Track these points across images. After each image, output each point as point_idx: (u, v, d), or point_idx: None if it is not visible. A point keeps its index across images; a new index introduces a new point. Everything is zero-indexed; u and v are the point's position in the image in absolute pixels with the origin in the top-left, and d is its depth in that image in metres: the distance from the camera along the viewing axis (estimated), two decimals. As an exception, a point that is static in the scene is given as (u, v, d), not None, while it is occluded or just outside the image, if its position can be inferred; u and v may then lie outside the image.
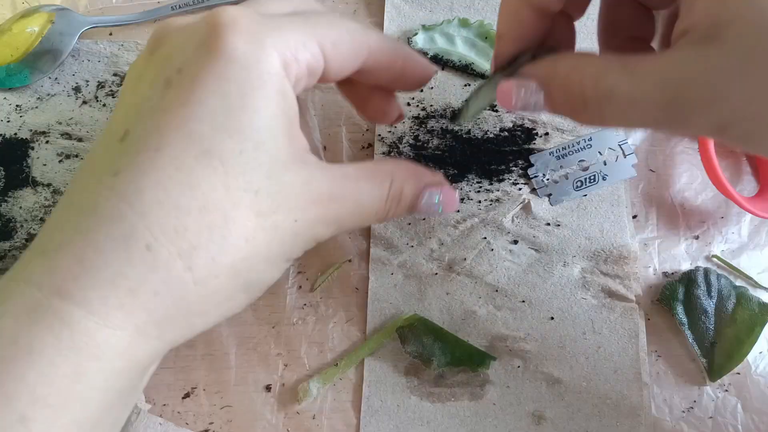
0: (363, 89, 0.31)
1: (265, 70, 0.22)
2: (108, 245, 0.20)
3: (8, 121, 0.39)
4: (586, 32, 0.36)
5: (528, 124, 0.38)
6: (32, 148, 0.38)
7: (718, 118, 0.19)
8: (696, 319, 0.34)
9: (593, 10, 0.28)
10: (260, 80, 0.22)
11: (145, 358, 0.22)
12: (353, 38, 0.25)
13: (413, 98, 0.39)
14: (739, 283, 0.35)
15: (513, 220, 0.36)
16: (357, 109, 0.32)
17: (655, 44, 0.27)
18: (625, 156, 0.37)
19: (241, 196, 0.22)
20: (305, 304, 0.35)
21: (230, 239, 0.22)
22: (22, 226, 0.36)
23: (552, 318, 0.34)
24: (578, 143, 0.37)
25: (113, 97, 0.39)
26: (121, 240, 0.20)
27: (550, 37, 0.26)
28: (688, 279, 0.35)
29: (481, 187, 0.37)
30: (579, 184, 0.36)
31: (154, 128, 0.21)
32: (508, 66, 0.25)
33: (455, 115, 0.34)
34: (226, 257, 0.22)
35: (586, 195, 0.36)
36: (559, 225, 0.36)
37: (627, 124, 0.23)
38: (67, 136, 0.38)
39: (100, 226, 0.21)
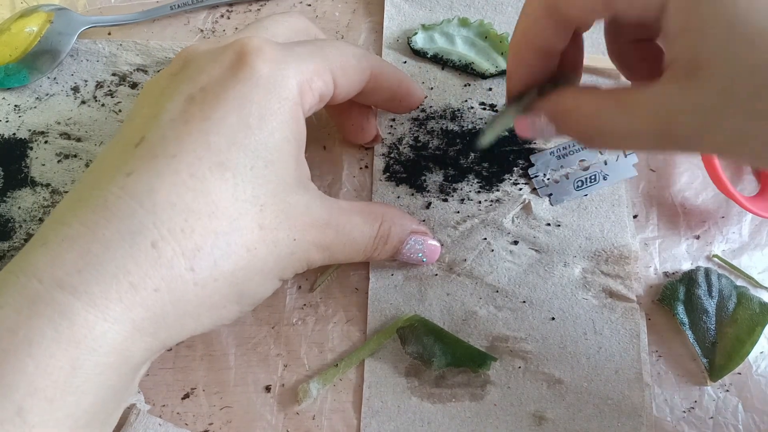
0: (344, 106, 0.32)
1: (284, 95, 0.24)
2: (114, 240, 0.21)
3: (7, 121, 0.39)
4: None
5: (540, 142, 0.38)
6: (31, 148, 0.38)
7: (709, 147, 0.21)
8: (697, 319, 0.34)
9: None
10: (279, 104, 0.24)
11: (138, 356, 0.22)
12: (359, 63, 0.27)
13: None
14: (740, 282, 0.35)
15: (513, 221, 0.36)
16: (335, 123, 0.34)
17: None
18: (625, 156, 0.37)
19: (247, 208, 0.23)
20: (305, 305, 0.35)
21: (233, 246, 0.23)
22: (20, 226, 0.36)
23: (553, 318, 0.34)
24: (579, 143, 0.37)
25: (112, 97, 0.39)
26: (128, 235, 0.21)
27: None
28: (688, 279, 0.35)
29: (481, 187, 0.36)
30: (580, 183, 0.36)
31: (173, 137, 0.22)
32: (519, 99, 0.27)
33: (473, 142, 0.37)
34: (228, 263, 0.23)
35: (586, 195, 0.36)
36: (559, 225, 0.36)
37: (631, 150, 0.26)
38: (66, 136, 0.38)
39: (109, 221, 0.21)
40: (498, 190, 0.36)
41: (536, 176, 0.36)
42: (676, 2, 0.20)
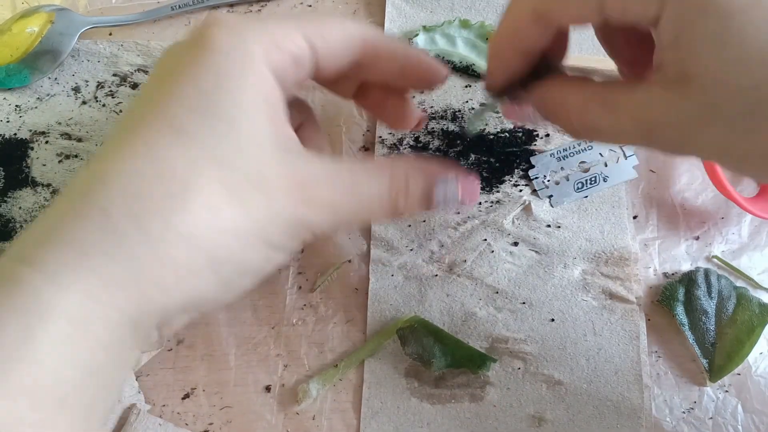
0: (376, 94, 0.31)
1: (243, 57, 0.23)
2: (67, 211, 0.21)
3: (8, 122, 0.39)
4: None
5: (529, 126, 0.38)
6: (32, 149, 0.38)
7: (695, 149, 0.22)
8: (696, 319, 0.34)
9: None
10: (237, 66, 0.22)
11: (100, 329, 0.21)
12: (344, 30, 0.26)
13: (413, 97, 0.38)
14: (739, 283, 0.35)
15: (513, 222, 0.36)
16: (376, 117, 0.32)
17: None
18: (625, 157, 0.37)
19: (207, 168, 0.22)
20: (305, 305, 0.35)
21: (190, 206, 0.21)
22: (21, 226, 0.36)
23: (552, 320, 0.34)
24: (579, 144, 0.37)
25: (113, 98, 0.39)
26: (79, 205, 0.21)
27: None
28: (688, 280, 0.35)
29: (481, 188, 0.36)
30: (580, 185, 0.36)
31: (137, 115, 0.23)
32: (501, 94, 0.27)
33: (462, 130, 0.37)
34: (185, 225, 0.21)
35: (587, 196, 0.36)
36: (559, 226, 0.36)
37: (616, 144, 0.25)
38: (67, 136, 0.38)
39: (65, 195, 0.22)
40: (498, 192, 0.36)
41: (536, 178, 0.37)
42: (670, 14, 0.20)
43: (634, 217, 0.37)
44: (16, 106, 0.39)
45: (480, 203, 0.36)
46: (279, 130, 0.24)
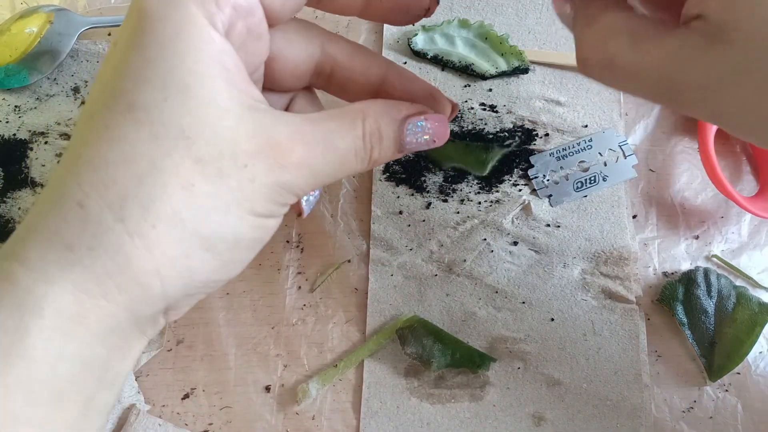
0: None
1: (181, 20, 0.21)
2: (46, 207, 0.21)
3: (7, 122, 0.39)
4: None
5: (528, 125, 0.38)
6: (31, 149, 0.38)
7: (713, 108, 0.20)
8: (696, 319, 0.34)
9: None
10: (178, 30, 0.21)
11: (94, 322, 0.21)
12: None
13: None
14: (739, 282, 0.35)
15: (513, 222, 0.36)
16: (381, 17, 0.29)
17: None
18: (625, 157, 0.37)
19: (173, 143, 0.21)
20: (305, 305, 0.35)
21: (164, 187, 0.21)
22: (21, 227, 0.36)
23: (552, 319, 0.34)
24: (578, 144, 0.37)
25: (112, 98, 0.39)
26: (56, 200, 0.21)
27: None
28: (688, 279, 0.35)
29: (481, 188, 0.36)
30: (579, 185, 0.36)
31: (96, 98, 0.22)
32: None
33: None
34: (163, 206, 0.21)
35: (586, 196, 0.36)
36: (559, 226, 0.36)
37: (622, 90, 0.23)
38: (66, 136, 0.38)
39: (46, 190, 0.22)
40: (498, 191, 0.36)
41: (536, 177, 0.37)
42: None
43: (634, 217, 0.37)
44: (16, 106, 0.39)
45: (479, 203, 0.36)
46: (239, 90, 0.22)
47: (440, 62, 0.39)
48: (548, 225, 0.36)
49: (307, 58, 0.27)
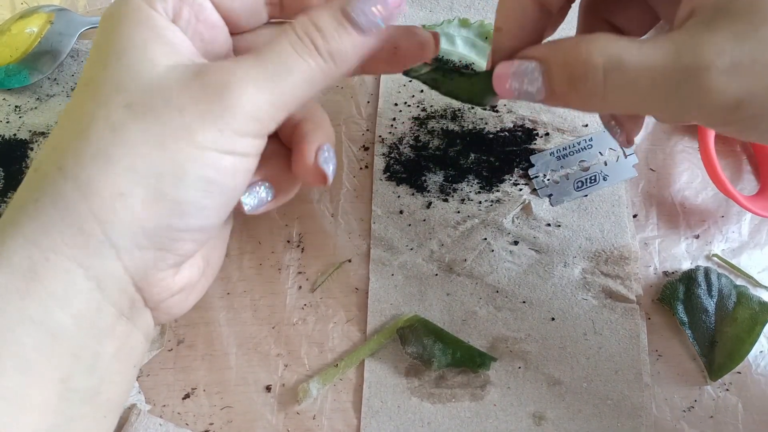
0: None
1: (126, 9, 0.23)
2: (22, 191, 0.23)
3: (7, 122, 0.39)
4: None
5: (528, 125, 0.38)
6: (31, 149, 0.38)
7: (736, 89, 0.19)
8: (696, 318, 0.34)
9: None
10: (121, 17, 0.23)
11: (51, 281, 0.21)
12: None
13: (413, 97, 0.38)
14: (739, 282, 0.35)
15: (513, 221, 0.36)
16: (390, 68, 0.28)
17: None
18: (625, 156, 0.37)
19: (106, 97, 0.22)
20: (305, 305, 0.35)
21: (93, 132, 0.22)
22: (21, 227, 0.36)
23: (553, 319, 0.34)
24: (579, 143, 0.37)
25: (112, 98, 0.39)
26: (27, 175, 0.23)
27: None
28: (688, 278, 0.35)
29: (481, 187, 0.36)
30: (580, 184, 0.36)
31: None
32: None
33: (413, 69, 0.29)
34: (88, 147, 0.22)
35: (586, 195, 0.36)
36: (559, 225, 0.36)
37: (628, 101, 0.21)
38: (67, 136, 0.38)
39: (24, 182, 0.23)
40: (498, 191, 0.36)
41: (536, 177, 0.37)
42: None
43: (634, 216, 0.37)
44: (16, 106, 0.39)
45: (480, 202, 0.36)
46: (180, 55, 0.23)
47: (440, 62, 0.39)
48: (549, 224, 0.36)
49: None
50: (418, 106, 0.38)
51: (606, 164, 0.37)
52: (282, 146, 0.28)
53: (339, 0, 0.24)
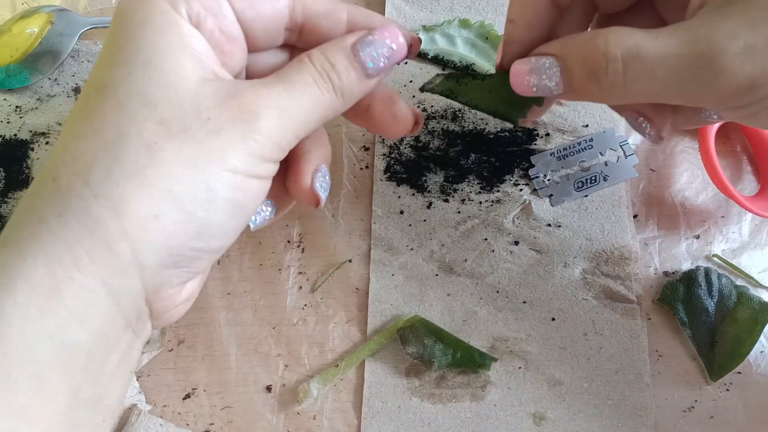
0: (362, 101, 0.28)
1: (148, 10, 0.23)
2: (30, 191, 0.22)
3: (8, 122, 0.39)
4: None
5: (529, 125, 0.38)
6: (32, 149, 0.38)
7: (749, 70, 0.20)
8: (697, 318, 0.34)
9: None
10: (143, 18, 0.23)
11: (71, 299, 0.21)
12: None
13: (413, 97, 0.39)
14: (739, 282, 0.35)
15: (514, 221, 0.36)
16: (363, 124, 0.30)
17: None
18: (626, 156, 0.37)
19: (135, 110, 0.22)
20: (306, 305, 0.35)
21: (126, 148, 0.21)
22: (22, 227, 0.36)
23: (553, 319, 0.34)
24: (579, 144, 0.37)
25: (113, 98, 0.39)
26: (37, 181, 0.22)
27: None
28: (688, 278, 0.35)
29: (482, 188, 0.36)
30: (580, 184, 0.36)
31: (81, 94, 0.23)
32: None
33: (429, 83, 0.29)
34: (123, 165, 0.21)
35: (587, 196, 0.36)
36: (559, 226, 0.36)
37: (648, 90, 0.22)
38: (67, 137, 0.38)
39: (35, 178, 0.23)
40: (498, 191, 0.36)
41: (537, 177, 0.37)
42: None
43: (635, 216, 0.37)
44: (17, 107, 0.39)
45: (480, 203, 0.36)
46: (204, 67, 0.23)
47: (441, 62, 0.39)
48: (549, 225, 0.36)
49: (278, 9, 0.26)
50: (418, 107, 0.38)
51: (606, 164, 0.37)
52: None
53: (351, 37, 0.25)
